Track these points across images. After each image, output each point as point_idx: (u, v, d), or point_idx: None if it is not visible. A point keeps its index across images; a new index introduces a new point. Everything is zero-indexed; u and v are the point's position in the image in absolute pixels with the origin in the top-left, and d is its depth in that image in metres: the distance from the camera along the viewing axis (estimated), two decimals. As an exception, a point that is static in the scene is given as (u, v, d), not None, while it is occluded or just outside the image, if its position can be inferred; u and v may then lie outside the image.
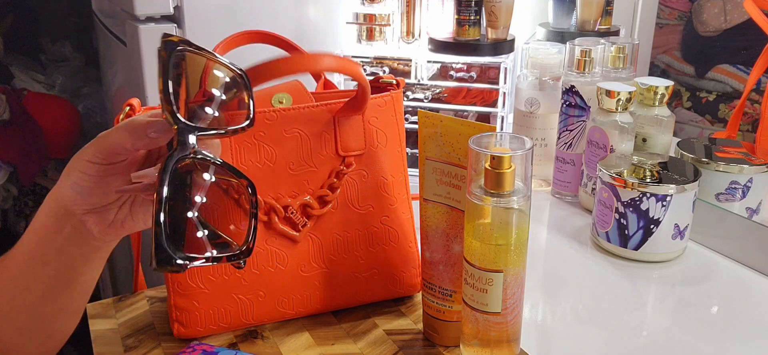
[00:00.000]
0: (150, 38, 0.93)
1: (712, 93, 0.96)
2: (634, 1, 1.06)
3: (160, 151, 0.50)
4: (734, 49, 0.94)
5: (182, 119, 0.43)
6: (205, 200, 0.45)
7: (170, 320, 0.61)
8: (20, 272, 0.51)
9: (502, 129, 0.98)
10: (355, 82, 0.60)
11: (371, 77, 0.65)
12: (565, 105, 0.89)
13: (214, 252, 0.44)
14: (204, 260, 0.43)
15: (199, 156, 0.44)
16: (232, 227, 0.47)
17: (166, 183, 0.41)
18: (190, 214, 0.43)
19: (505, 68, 0.95)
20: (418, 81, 0.98)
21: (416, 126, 0.66)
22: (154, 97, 0.95)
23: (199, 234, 0.44)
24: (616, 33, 1.03)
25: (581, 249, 0.80)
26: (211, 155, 0.44)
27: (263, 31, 0.75)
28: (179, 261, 0.41)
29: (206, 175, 0.45)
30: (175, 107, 0.42)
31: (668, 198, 0.73)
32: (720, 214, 0.78)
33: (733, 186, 0.78)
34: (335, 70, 0.58)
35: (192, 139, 0.43)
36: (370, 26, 0.98)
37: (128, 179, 0.47)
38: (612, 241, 0.77)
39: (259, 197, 0.52)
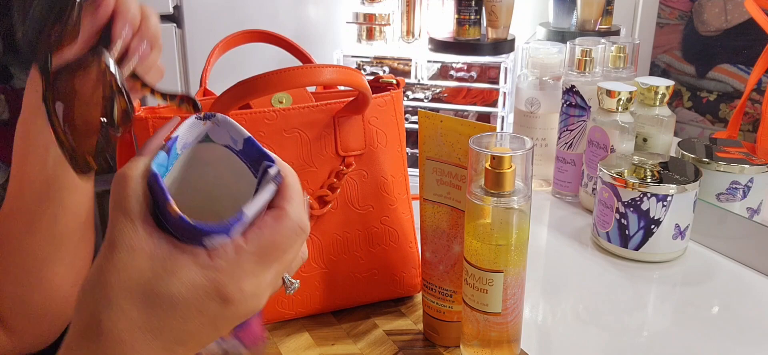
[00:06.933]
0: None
1: (712, 93, 0.96)
2: (634, 0, 1.06)
3: None
4: (735, 49, 0.94)
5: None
6: None
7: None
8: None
9: (502, 129, 0.97)
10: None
11: (371, 77, 0.65)
12: (565, 105, 0.89)
13: None
14: None
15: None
16: None
17: None
18: None
19: (506, 68, 0.94)
20: (418, 81, 0.98)
21: (416, 126, 0.66)
22: (152, 97, 0.95)
23: None
24: (617, 33, 1.03)
25: (582, 249, 0.80)
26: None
27: (263, 31, 0.75)
28: None
29: None
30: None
31: (669, 198, 0.72)
32: (721, 214, 0.78)
33: (733, 186, 0.78)
34: (336, 82, 0.57)
35: None
36: (370, 26, 0.98)
37: None
38: (612, 241, 0.77)
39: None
